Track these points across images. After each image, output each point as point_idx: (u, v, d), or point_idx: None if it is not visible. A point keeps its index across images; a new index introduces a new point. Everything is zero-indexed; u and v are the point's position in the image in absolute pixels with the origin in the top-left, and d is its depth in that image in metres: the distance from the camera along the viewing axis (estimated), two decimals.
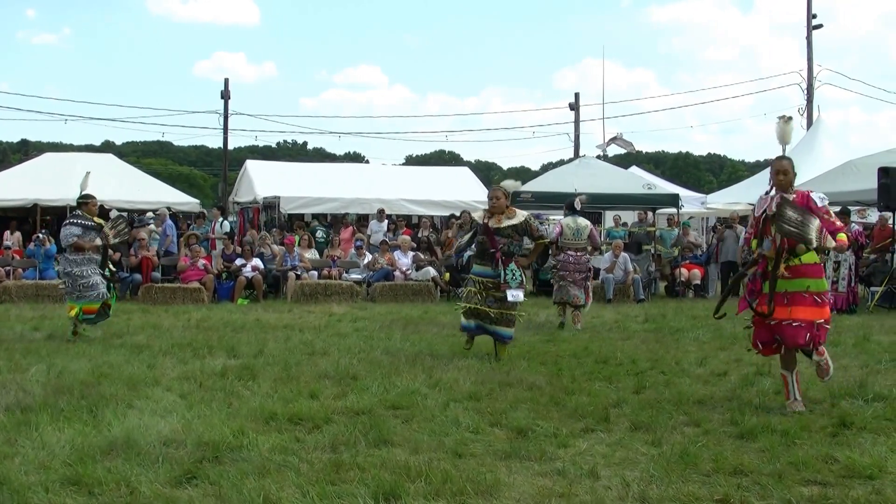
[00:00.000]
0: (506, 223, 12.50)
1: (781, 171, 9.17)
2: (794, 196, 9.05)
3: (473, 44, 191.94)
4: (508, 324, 12.59)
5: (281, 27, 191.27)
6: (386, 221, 27.19)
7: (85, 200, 14.92)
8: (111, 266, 15.32)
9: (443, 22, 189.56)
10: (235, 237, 26.50)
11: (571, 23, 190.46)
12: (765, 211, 9.24)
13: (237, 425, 7.90)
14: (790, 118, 9.97)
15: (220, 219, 27.67)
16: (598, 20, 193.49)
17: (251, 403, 9.01)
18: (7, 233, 26.42)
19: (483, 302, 12.47)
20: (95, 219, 14.79)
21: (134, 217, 25.16)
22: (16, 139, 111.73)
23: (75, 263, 14.49)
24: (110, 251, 15.42)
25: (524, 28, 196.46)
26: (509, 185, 13.14)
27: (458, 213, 26.21)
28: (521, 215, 12.66)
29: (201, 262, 22.21)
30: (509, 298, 12.33)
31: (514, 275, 12.38)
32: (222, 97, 45.43)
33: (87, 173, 15.31)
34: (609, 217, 30.64)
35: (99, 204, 15.40)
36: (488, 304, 12.44)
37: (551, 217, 32.30)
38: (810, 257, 9.01)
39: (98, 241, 14.63)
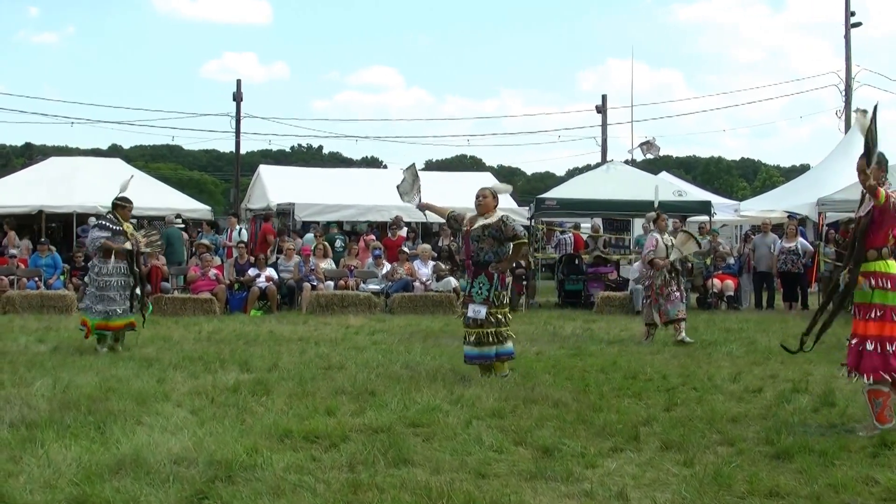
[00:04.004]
0: (476, 224, 12.10)
1: (859, 170, 8.98)
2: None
3: (491, 44, 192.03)
4: (502, 342, 12.10)
5: (293, 26, 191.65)
6: (405, 229, 27.18)
7: (122, 203, 14.88)
8: (141, 284, 15.25)
9: (459, 21, 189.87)
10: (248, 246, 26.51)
11: (592, 22, 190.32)
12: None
13: (250, 443, 7.90)
14: (865, 111, 9.83)
15: (237, 226, 27.70)
16: (621, 19, 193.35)
17: (265, 420, 9.01)
18: (12, 234, 26.50)
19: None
20: (126, 224, 14.75)
21: (144, 223, 25.24)
22: (19, 143, 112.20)
23: (102, 272, 14.51)
24: (141, 265, 15.38)
25: (543, 28, 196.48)
26: (500, 187, 13.03)
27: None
28: (495, 215, 12.14)
29: (213, 271, 22.25)
30: (469, 313, 11.95)
31: (480, 288, 11.98)
32: (234, 99, 45.42)
33: (131, 176, 15.36)
34: (638, 225, 30.57)
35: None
36: (466, 324, 12.12)
37: (583, 224, 32.33)
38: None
39: (128, 245, 14.61)
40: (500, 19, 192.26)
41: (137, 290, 14.88)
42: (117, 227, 14.58)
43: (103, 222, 14.80)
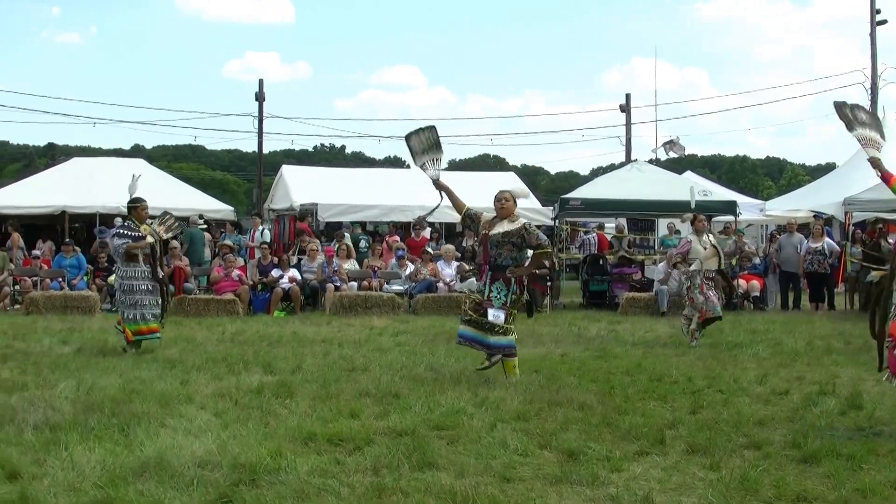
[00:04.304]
0: (496, 230, 12.06)
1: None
2: None
3: (514, 43, 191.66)
4: (503, 333, 12.03)
5: (315, 26, 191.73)
6: (428, 230, 27.15)
7: (135, 204, 14.89)
8: (164, 285, 15.29)
9: (482, 19, 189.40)
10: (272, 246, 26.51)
11: (616, 20, 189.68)
12: None
13: (274, 446, 7.91)
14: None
15: (261, 227, 27.72)
16: (644, 17, 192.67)
17: (289, 423, 9.02)
18: (39, 241, 26.71)
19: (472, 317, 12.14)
20: (143, 227, 14.75)
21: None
22: (42, 143, 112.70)
23: (128, 276, 14.55)
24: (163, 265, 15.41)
25: (566, 26, 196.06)
26: (519, 191, 12.94)
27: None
28: (517, 222, 12.14)
29: (235, 272, 22.30)
30: (489, 318, 11.88)
31: (498, 293, 11.96)
32: (256, 99, 45.55)
33: (136, 176, 15.24)
34: (663, 225, 30.52)
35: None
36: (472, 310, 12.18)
37: (607, 224, 32.26)
38: None
39: (150, 239, 14.63)
40: (523, 18, 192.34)
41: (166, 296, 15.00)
42: (136, 233, 14.60)
43: (121, 230, 14.83)
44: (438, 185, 12.77)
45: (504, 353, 12.06)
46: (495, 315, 11.84)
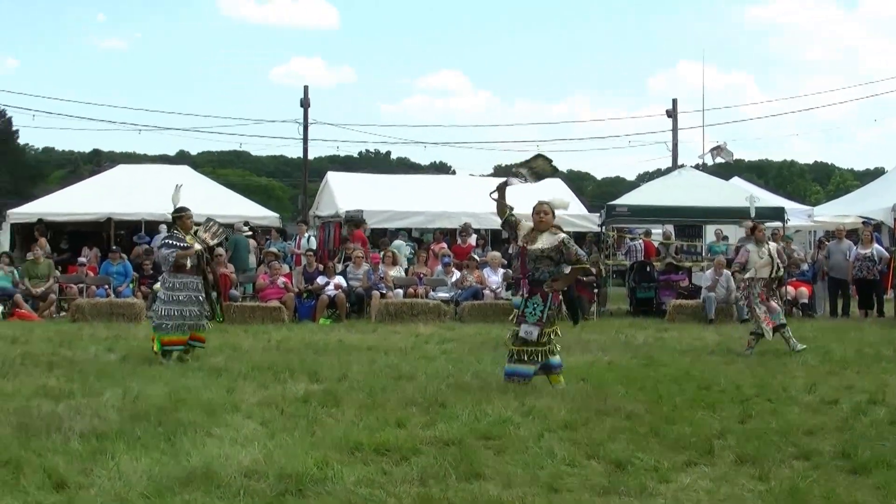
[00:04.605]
0: (536, 244, 11.99)
1: None
2: None
3: (560, 46, 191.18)
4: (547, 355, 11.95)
5: (360, 31, 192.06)
6: (474, 236, 27.13)
7: (179, 214, 14.98)
8: (213, 290, 15.38)
9: (526, 23, 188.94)
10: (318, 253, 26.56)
11: (662, 24, 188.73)
12: None
13: (321, 456, 7.92)
14: None
15: (306, 234, 27.79)
16: (691, 20, 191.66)
17: (335, 432, 9.03)
18: (85, 248, 26.92)
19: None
20: (188, 237, 14.85)
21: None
22: (87, 149, 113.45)
23: (175, 286, 14.61)
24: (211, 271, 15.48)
25: (612, 30, 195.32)
26: (558, 202, 12.86)
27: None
28: (556, 237, 12.05)
29: (281, 279, 22.38)
30: (521, 333, 11.82)
31: (534, 308, 11.83)
32: (301, 105, 45.63)
33: (178, 186, 15.29)
34: (710, 231, 30.43)
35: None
36: (513, 342, 12.06)
37: (654, 231, 32.18)
38: None
39: (198, 247, 14.72)
40: (569, 21, 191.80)
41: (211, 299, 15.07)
42: (182, 243, 14.66)
43: (169, 240, 14.90)
44: (501, 188, 12.70)
45: (557, 371, 12.08)
46: (528, 331, 11.77)
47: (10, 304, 22.36)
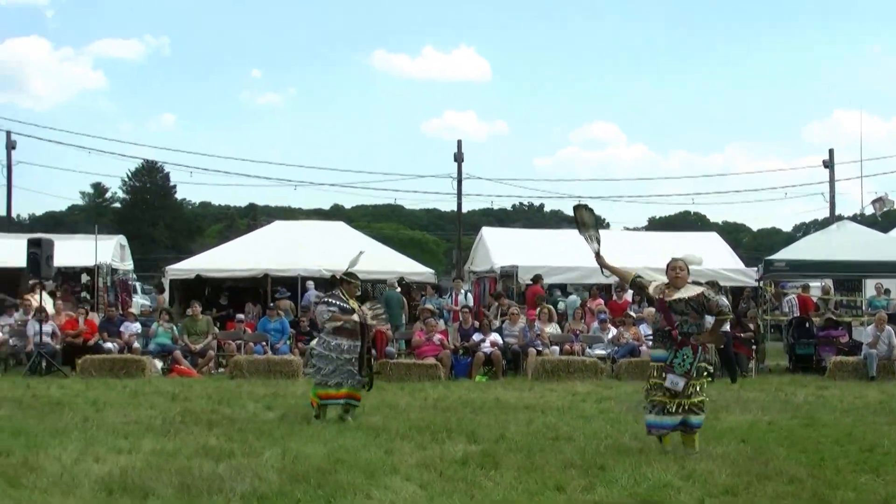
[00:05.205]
0: (677, 296, 11.85)
1: None
2: None
3: (715, 97, 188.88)
4: (695, 411, 11.76)
5: (512, 83, 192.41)
6: (630, 292, 26.88)
7: (349, 278, 15.18)
8: (372, 356, 15.54)
9: (681, 75, 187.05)
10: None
11: (818, 72, 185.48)
12: None
13: None
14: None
15: (463, 290, 27.90)
16: (848, 68, 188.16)
17: (494, 496, 9.03)
18: (249, 304, 27.40)
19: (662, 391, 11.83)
20: (351, 301, 14.99)
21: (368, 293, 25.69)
22: (243, 203, 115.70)
23: (331, 346, 14.72)
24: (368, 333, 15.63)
25: (768, 80, 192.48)
26: (691, 258, 12.70)
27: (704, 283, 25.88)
28: (695, 288, 11.97)
29: (437, 336, 22.48)
30: (667, 384, 11.64)
31: (683, 360, 11.66)
32: (455, 160, 46.09)
33: (360, 252, 15.60)
34: (870, 285, 29.84)
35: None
36: (662, 393, 11.82)
37: (812, 284, 31.64)
38: None
39: (355, 317, 14.88)
40: (724, 73, 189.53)
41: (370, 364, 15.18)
42: (344, 305, 14.81)
43: (330, 298, 15.07)
44: (600, 259, 12.75)
45: (694, 431, 11.85)
46: (674, 381, 11.61)
47: (169, 360, 22.89)
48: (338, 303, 14.81)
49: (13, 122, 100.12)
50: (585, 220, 13.10)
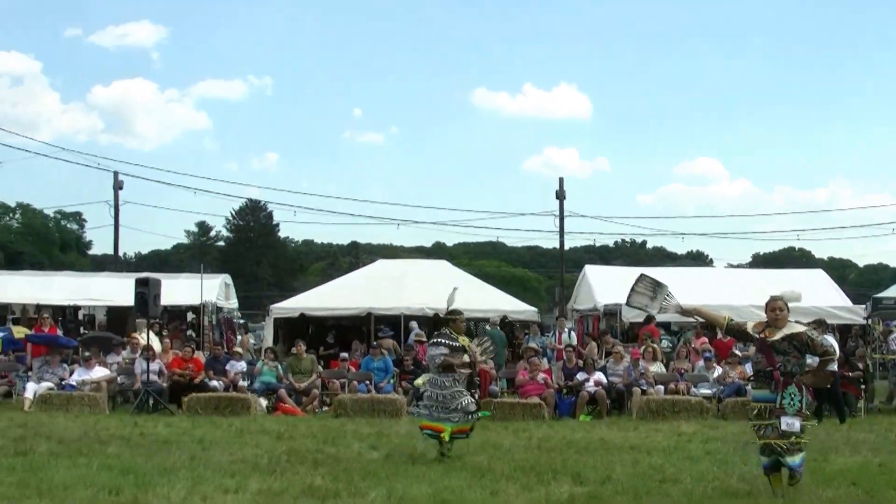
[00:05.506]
0: (779, 335, 11.53)
1: None
2: None
3: (818, 131, 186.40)
4: (793, 452, 11.42)
5: (613, 119, 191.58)
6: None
7: (453, 317, 15.25)
8: (476, 389, 15.62)
9: (783, 109, 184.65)
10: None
11: None
12: None
13: None
14: None
15: (566, 328, 27.86)
16: None
17: None
18: (355, 342, 27.58)
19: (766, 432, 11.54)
20: (461, 338, 15.06)
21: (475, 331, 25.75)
22: (345, 241, 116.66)
23: (443, 385, 14.74)
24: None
25: (870, 113, 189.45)
26: (790, 295, 12.49)
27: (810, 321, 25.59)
28: (797, 327, 11.63)
29: (541, 375, 22.44)
30: (782, 426, 11.29)
31: (792, 399, 11.36)
32: (557, 197, 46.07)
33: (455, 289, 15.68)
34: None
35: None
36: (768, 434, 11.51)
37: None
38: None
39: (466, 359, 14.93)
40: (827, 107, 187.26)
41: (474, 397, 15.21)
42: (455, 343, 14.86)
43: (440, 339, 15.13)
44: (686, 311, 12.61)
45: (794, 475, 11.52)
46: (789, 423, 11.32)
47: (274, 398, 23.08)
48: (447, 342, 14.89)
49: (120, 162, 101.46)
50: (639, 290, 12.93)
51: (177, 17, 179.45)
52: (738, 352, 24.26)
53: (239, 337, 31.96)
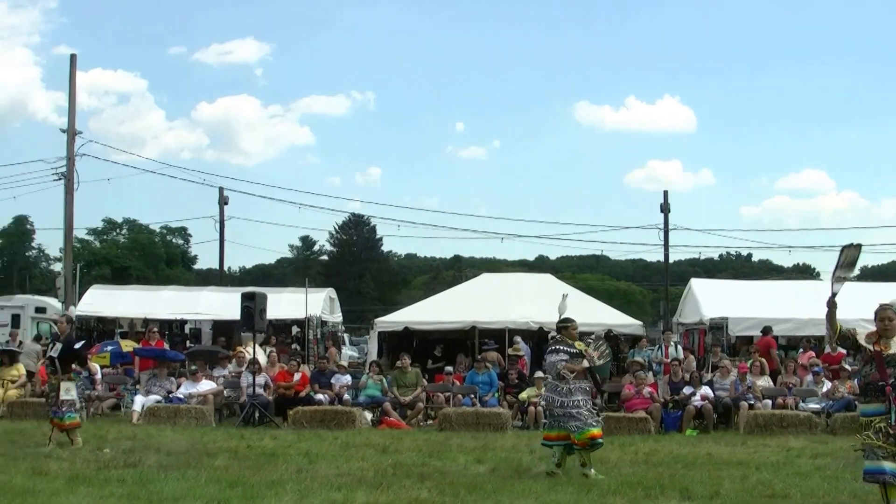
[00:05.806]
0: (892, 350, 11.21)
1: None
2: None
3: None
4: None
5: (717, 132, 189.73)
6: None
7: (565, 324, 15.31)
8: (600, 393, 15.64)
9: (890, 119, 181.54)
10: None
11: None
12: None
13: None
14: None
15: (672, 341, 27.71)
16: None
17: None
18: (460, 355, 27.63)
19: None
20: (577, 344, 15.06)
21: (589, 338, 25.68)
22: (448, 255, 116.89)
23: (563, 392, 14.74)
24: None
25: None
26: None
27: None
28: None
29: (647, 389, 22.34)
30: None
31: None
32: (661, 210, 45.82)
33: (565, 296, 15.79)
34: None
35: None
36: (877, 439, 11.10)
37: None
38: None
39: (585, 364, 14.94)
40: None
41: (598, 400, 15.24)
42: (572, 350, 14.88)
43: (557, 346, 15.14)
44: (832, 302, 12.17)
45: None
46: None
47: (379, 411, 23.20)
48: (566, 348, 14.91)
49: (225, 178, 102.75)
50: (849, 261, 12.54)
51: (280, 34, 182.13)
52: (847, 366, 23.93)
53: (335, 349, 32.14)
